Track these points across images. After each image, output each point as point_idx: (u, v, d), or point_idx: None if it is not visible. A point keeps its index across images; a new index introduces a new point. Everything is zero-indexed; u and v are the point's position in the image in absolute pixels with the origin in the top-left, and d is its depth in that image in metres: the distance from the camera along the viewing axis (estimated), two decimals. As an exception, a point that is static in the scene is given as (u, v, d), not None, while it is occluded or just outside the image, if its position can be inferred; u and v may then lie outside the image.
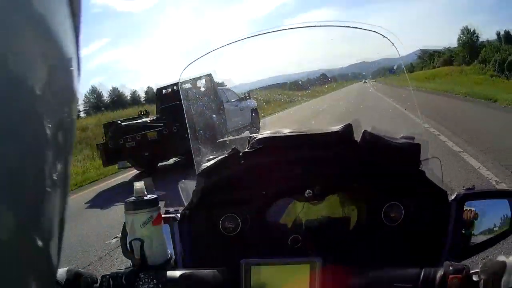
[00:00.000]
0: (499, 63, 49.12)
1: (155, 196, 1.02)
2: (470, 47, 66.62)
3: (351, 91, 2.58)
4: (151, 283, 0.94)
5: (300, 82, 2.45)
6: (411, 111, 1.47)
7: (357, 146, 1.11)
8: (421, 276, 0.86)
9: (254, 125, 8.36)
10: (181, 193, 1.33)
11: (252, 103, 8.19)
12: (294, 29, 1.49)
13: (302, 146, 1.14)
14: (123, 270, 0.98)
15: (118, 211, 6.76)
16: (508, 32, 61.75)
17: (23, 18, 0.27)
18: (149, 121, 10.60)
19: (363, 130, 1.11)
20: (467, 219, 1.09)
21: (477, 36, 68.37)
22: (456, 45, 73.24)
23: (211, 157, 1.22)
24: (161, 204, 1.06)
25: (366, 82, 2.40)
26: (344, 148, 1.12)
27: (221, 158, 1.17)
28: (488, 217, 1.10)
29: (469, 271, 0.81)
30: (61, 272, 0.96)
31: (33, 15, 0.28)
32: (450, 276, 0.81)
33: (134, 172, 10.82)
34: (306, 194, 1.11)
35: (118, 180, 10.53)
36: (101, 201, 8.51)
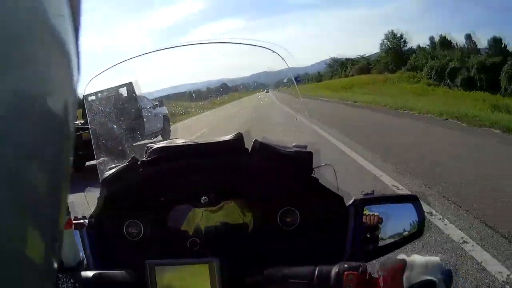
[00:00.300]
0: (436, 70, 44.41)
1: None
2: (395, 53, 58.76)
3: (252, 100, 2.65)
4: (69, 282, 1.02)
5: (193, 92, 2.50)
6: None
7: (248, 154, 1.17)
8: (316, 273, 0.91)
9: (166, 130, 9.39)
10: (87, 200, 1.39)
11: (164, 110, 8.88)
12: (195, 44, 1.57)
13: (195, 155, 1.20)
14: None
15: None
16: (444, 36, 54.24)
17: (23, 18, 0.27)
18: (80, 123, 10.78)
19: (253, 139, 1.17)
20: (370, 223, 1.13)
21: (405, 41, 60.93)
22: (373, 53, 67.45)
23: (113, 165, 1.27)
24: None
25: (268, 91, 2.48)
26: (235, 156, 1.19)
27: (121, 167, 1.22)
28: (394, 221, 1.12)
29: (366, 268, 0.85)
30: None
31: (33, 15, 0.28)
32: (346, 272, 0.85)
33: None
34: (202, 200, 1.17)
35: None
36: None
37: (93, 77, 1.46)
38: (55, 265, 0.33)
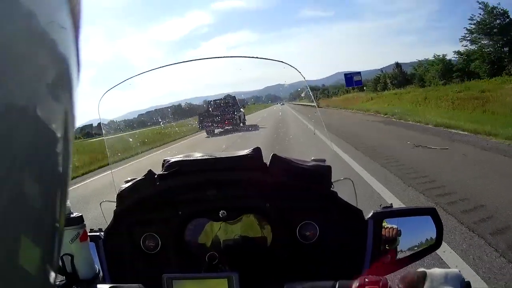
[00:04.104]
0: None
1: (80, 214, 1.09)
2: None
3: (269, 113, 2.72)
4: None
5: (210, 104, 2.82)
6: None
7: (266, 169, 1.17)
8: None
9: (244, 121, 16.64)
10: (103, 213, 1.41)
11: (242, 110, 16.39)
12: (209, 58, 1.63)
13: (213, 169, 1.20)
14: (57, 283, 1.04)
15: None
16: None
17: (23, 19, 0.27)
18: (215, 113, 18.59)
19: (272, 154, 1.17)
20: (389, 236, 1.13)
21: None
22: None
23: (129, 178, 1.29)
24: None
25: (284, 104, 2.51)
26: (254, 171, 1.18)
27: (137, 180, 1.23)
28: (413, 234, 1.14)
29: (386, 282, 0.83)
30: None
31: (33, 17, 0.28)
32: (367, 287, 0.83)
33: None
34: (220, 214, 1.18)
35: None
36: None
37: (108, 89, 1.51)
38: (52, 275, 0.32)
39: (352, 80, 47.31)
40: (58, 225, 0.33)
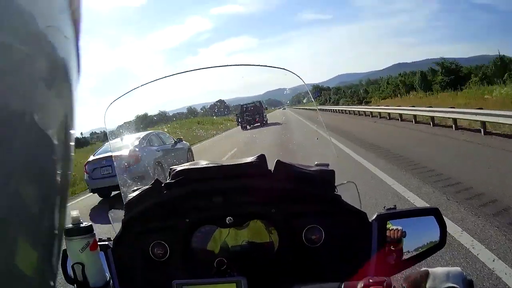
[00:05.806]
0: None
1: (90, 223, 1.11)
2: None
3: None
4: None
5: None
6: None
7: (271, 175, 1.20)
8: None
9: (267, 119, 16.25)
10: (111, 222, 1.44)
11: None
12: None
13: (218, 177, 1.22)
14: None
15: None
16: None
17: (23, 23, 0.27)
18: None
19: (276, 160, 1.20)
20: (395, 237, 1.15)
21: None
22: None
23: (135, 188, 1.31)
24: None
25: (285, 109, 2.53)
26: (259, 177, 1.21)
27: (145, 189, 1.25)
28: (417, 234, 1.16)
29: (391, 282, 0.85)
30: None
31: (33, 20, 0.28)
32: (371, 287, 0.85)
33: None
34: (227, 221, 1.20)
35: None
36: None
37: (113, 101, 1.55)
38: (52, 278, 0.32)
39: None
40: (57, 229, 0.33)
